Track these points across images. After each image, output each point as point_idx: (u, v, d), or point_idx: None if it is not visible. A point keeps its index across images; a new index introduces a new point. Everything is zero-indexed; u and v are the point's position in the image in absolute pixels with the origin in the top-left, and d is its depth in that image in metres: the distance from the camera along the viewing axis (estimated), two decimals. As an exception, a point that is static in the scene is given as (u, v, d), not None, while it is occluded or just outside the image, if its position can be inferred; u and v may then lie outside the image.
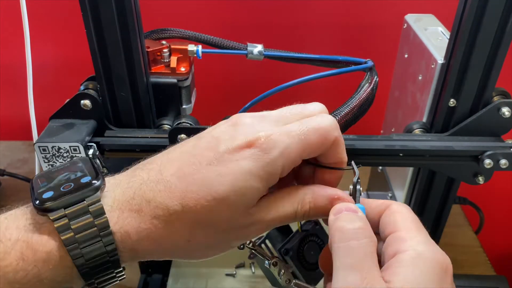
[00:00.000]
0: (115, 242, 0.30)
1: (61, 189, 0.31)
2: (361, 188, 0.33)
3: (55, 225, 0.29)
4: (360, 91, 0.45)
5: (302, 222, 0.50)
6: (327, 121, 0.33)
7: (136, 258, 0.33)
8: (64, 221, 0.29)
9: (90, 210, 0.30)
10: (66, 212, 0.30)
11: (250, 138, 0.31)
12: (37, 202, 0.30)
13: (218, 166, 0.31)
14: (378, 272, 0.28)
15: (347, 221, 0.30)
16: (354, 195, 0.33)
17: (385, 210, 0.32)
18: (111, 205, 0.31)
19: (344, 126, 0.45)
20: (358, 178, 0.34)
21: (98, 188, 0.31)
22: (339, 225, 0.30)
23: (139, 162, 0.34)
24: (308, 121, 0.32)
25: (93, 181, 0.31)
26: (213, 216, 0.31)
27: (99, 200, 0.30)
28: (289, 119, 0.33)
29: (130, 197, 0.31)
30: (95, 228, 0.30)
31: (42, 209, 0.30)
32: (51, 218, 0.29)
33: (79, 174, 0.32)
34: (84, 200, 0.30)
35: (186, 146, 0.33)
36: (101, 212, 0.30)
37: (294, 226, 0.50)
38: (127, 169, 0.34)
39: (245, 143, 0.31)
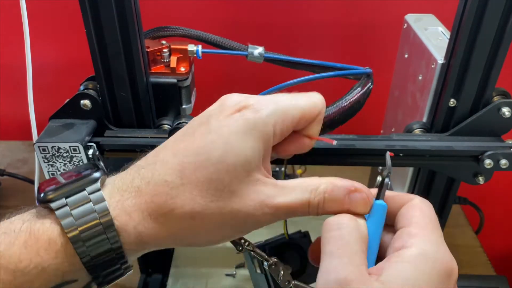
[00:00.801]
0: (115, 226, 0.30)
1: (63, 181, 0.31)
2: (390, 182, 0.32)
3: (56, 213, 0.30)
4: (351, 93, 0.46)
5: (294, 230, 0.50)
6: (316, 94, 0.34)
7: (142, 244, 0.32)
8: (65, 209, 0.30)
9: (90, 198, 0.30)
10: (67, 201, 0.30)
11: (240, 104, 0.32)
12: (41, 195, 0.31)
13: (210, 134, 0.31)
14: (361, 260, 0.28)
15: (338, 217, 0.30)
16: (380, 189, 0.32)
17: (407, 203, 0.32)
18: (111, 192, 0.31)
19: (330, 124, 0.45)
20: (389, 172, 0.32)
21: (97, 179, 0.31)
22: (327, 220, 0.31)
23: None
24: (298, 94, 0.34)
25: (94, 173, 0.32)
26: (214, 185, 0.30)
27: (99, 189, 0.31)
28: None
29: (129, 180, 0.31)
30: (95, 213, 0.30)
31: (45, 201, 0.30)
32: (53, 208, 0.30)
33: (81, 170, 0.33)
34: (85, 189, 0.31)
35: (181, 130, 0.34)
36: (101, 198, 0.30)
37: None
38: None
39: (235, 109, 0.32)
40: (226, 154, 0.30)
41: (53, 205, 0.30)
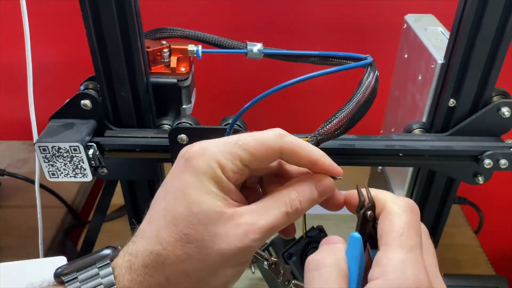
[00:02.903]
0: None
1: (77, 259, 0.34)
2: (369, 213, 0.31)
3: (67, 286, 0.31)
4: (363, 86, 0.45)
5: (307, 228, 0.50)
6: (269, 132, 0.32)
7: None
8: (75, 283, 0.32)
9: (99, 273, 0.32)
10: (78, 275, 0.32)
11: (185, 155, 0.32)
12: (58, 269, 0.33)
13: (169, 193, 0.32)
14: None
15: (318, 254, 0.31)
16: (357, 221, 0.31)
17: (382, 211, 0.31)
18: (114, 267, 0.32)
19: (350, 122, 0.44)
20: (364, 204, 0.31)
21: (107, 255, 0.33)
22: (310, 257, 0.31)
23: None
24: (249, 133, 0.32)
25: (104, 250, 0.33)
26: (193, 237, 0.31)
27: (108, 264, 0.32)
28: None
29: (122, 255, 0.33)
30: (101, 286, 0.31)
31: (58, 275, 0.32)
32: (64, 280, 0.32)
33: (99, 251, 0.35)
34: (95, 264, 0.32)
35: None
36: (108, 273, 0.32)
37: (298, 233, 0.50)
38: None
39: (183, 161, 0.32)
40: (190, 206, 0.31)
41: (65, 278, 0.32)
